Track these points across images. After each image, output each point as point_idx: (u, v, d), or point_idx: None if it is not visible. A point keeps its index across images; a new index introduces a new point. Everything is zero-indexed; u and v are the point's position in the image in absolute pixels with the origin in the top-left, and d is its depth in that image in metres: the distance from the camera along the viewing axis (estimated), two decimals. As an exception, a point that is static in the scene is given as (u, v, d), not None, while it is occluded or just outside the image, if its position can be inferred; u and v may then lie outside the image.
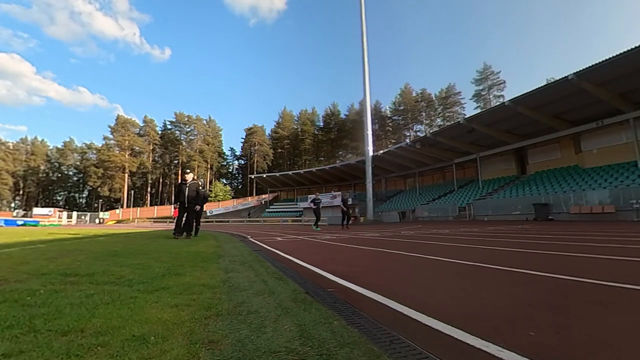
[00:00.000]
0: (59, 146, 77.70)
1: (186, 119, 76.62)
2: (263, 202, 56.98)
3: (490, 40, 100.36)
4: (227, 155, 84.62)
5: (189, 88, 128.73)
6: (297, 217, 40.44)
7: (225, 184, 75.15)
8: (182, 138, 77.10)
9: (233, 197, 67.03)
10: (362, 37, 28.79)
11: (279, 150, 78.13)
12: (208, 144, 76.20)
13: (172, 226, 9.33)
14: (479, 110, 48.40)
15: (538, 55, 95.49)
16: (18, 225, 29.98)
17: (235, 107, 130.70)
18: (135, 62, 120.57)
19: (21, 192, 73.73)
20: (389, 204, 35.69)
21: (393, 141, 63.86)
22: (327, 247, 5.79)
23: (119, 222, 52.91)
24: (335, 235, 9.16)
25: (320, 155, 75.69)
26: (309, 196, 42.15)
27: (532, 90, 17.75)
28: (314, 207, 15.17)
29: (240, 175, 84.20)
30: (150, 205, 68.98)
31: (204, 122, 78.96)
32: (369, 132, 28.79)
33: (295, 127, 79.49)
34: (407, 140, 39.13)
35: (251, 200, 59.88)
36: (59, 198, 76.94)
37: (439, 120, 65.54)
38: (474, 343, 1.23)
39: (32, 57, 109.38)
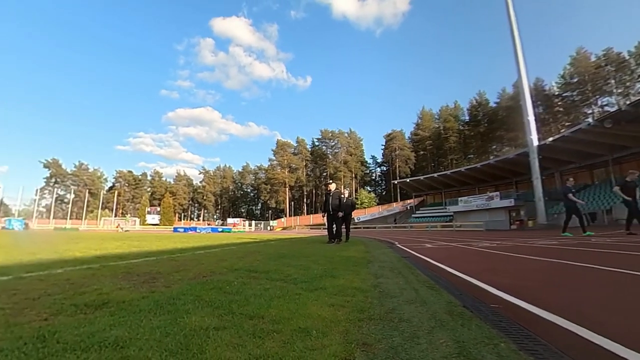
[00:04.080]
0: (240, 170, 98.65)
1: (330, 134, 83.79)
2: (408, 207, 55.65)
3: None
4: (369, 163, 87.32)
5: (330, 106, 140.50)
6: (446, 222, 37.53)
7: (369, 191, 77.53)
8: (328, 152, 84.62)
9: (378, 204, 68.31)
10: (508, 7, 24.50)
11: (421, 152, 74.98)
12: (351, 155, 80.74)
13: (325, 232, 10.28)
14: None
15: None
16: (218, 232, 39.72)
17: (372, 116, 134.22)
18: (286, 94, 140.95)
19: (219, 207, 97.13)
20: (569, 203, 28.44)
21: (566, 124, 50.97)
22: (485, 255, 5.11)
23: (284, 229, 62.30)
24: (495, 242, 7.99)
25: (469, 153, 68.19)
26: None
27: None
28: (569, 202, 9.99)
29: (384, 182, 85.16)
30: (307, 213, 78.25)
31: (346, 134, 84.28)
32: (531, 118, 23.89)
33: (437, 125, 74.65)
34: (590, 120, 30.48)
35: (396, 206, 59.49)
36: (242, 210, 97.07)
37: (639, 85, 48.19)
38: None
39: (218, 106, 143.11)
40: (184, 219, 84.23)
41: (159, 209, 72.03)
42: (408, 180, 52.18)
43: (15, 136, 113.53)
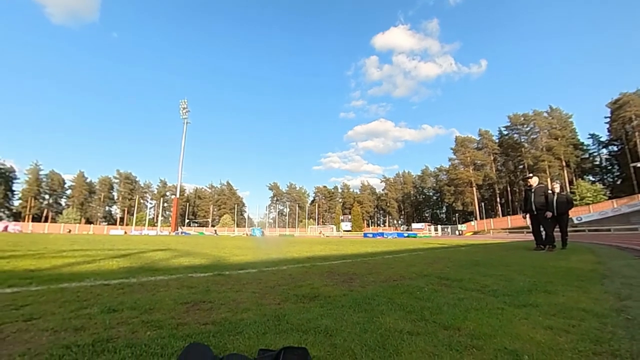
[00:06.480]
0: (419, 174, 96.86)
1: (522, 118, 69.46)
2: (671, 201, 38.36)
3: None
4: (588, 145, 65.99)
5: (517, 86, 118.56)
6: None
7: (592, 182, 58.55)
8: (522, 140, 70.27)
9: (610, 197, 50.58)
10: None
11: (686, 116, 50.37)
12: (556, 138, 63.65)
13: (529, 237, 8.51)
14: None
15: None
16: (403, 237, 40.09)
17: (583, 82, 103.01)
18: (458, 86, 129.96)
19: (402, 212, 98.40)
20: None
21: None
22: None
23: (475, 233, 56.01)
24: None
25: None
26: None
27: None
28: None
29: (616, 167, 62.47)
30: (502, 215, 67.39)
31: (545, 114, 67.41)
32: None
33: None
34: None
35: (645, 200, 42.28)
36: (426, 214, 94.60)
37: None
38: None
39: (390, 116, 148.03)
40: (371, 225, 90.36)
41: (349, 216, 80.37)
42: (665, 162, 35.75)
43: (254, 170, 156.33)
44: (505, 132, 74.00)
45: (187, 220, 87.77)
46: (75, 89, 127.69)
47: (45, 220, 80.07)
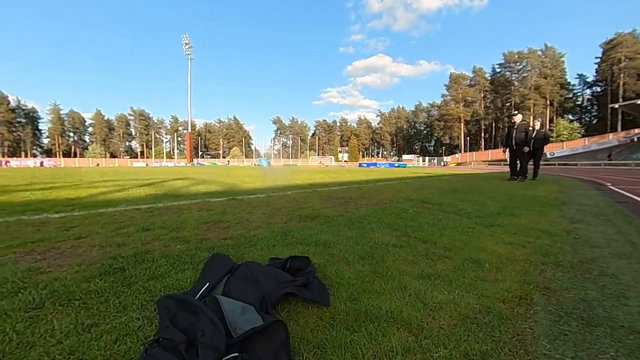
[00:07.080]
0: (412, 109, 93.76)
1: (516, 56, 64.24)
2: (635, 139, 37.83)
3: None
4: (574, 85, 62.24)
5: (516, 21, 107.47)
6: None
7: (571, 121, 56.90)
8: (513, 78, 66.12)
9: (584, 136, 49.83)
10: None
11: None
12: (546, 77, 59.79)
13: (506, 168, 8.64)
14: None
15: None
16: (394, 167, 40.70)
17: (581, 20, 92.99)
18: (458, 20, 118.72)
19: (395, 145, 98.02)
20: None
21: None
22: None
23: (458, 164, 56.68)
24: None
25: None
26: None
27: None
28: None
29: (595, 107, 60.10)
30: (485, 149, 67.27)
31: (539, 53, 62.12)
32: None
33: None
34: None
35: (613, 138, 41.71)
36: (416, 147, 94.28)
37: None
38: None
39: (388, 51, 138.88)
40: (366, 156, 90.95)
41: (347, 148, 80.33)
42: (640, 102, 33.42)
43: (258, 105, 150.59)
44: (499, 70, 69.20)
45: (200, 153, 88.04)
46: (81, 26, 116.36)
47: (74, 156, 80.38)
